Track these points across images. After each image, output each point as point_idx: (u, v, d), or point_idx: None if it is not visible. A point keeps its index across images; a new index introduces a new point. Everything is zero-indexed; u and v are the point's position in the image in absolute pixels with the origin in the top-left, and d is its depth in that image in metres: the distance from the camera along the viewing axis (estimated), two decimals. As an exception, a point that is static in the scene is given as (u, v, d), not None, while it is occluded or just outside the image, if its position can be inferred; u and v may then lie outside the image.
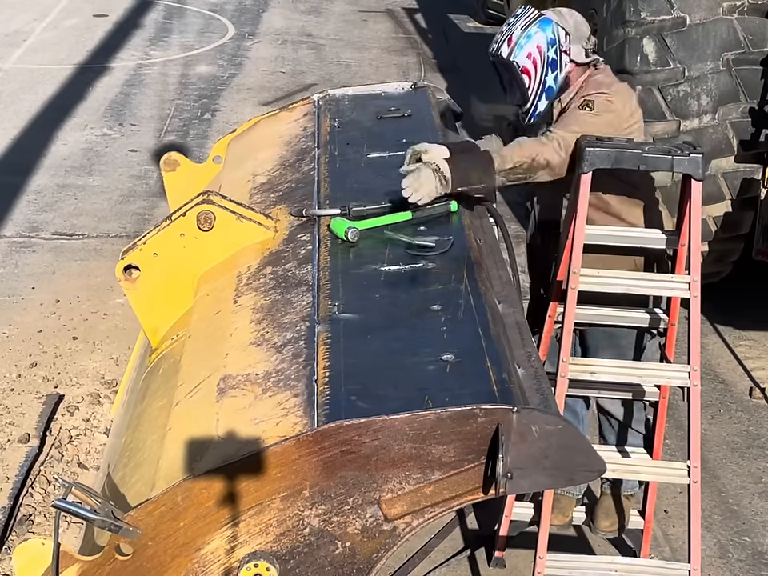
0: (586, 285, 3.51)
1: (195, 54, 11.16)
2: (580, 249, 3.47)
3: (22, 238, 6.95)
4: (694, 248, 3.50)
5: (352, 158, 4.10)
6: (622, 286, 3.57)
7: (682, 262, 3.59)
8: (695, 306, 3.52)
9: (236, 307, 3.30)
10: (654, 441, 3.88)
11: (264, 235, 3.63)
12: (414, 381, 2.70)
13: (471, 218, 3.61)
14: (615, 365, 3.65)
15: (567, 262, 3.55)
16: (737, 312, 6.13)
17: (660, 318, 3.77)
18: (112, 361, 5.53)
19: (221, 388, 2.90)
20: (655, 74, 5.50)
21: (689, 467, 3.60)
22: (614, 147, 3.44)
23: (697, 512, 3.61)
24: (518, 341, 2.98)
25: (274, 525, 2.59)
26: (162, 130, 8.93)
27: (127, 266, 3.66)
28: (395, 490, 2.58)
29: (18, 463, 4.69)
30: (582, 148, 3.43)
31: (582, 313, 3.58)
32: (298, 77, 10.46)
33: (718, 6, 5.50)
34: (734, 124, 5.58)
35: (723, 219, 5.72)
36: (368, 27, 12.32)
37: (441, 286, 3.13)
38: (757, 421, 5.28)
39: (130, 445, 3.39)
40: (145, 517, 2.57)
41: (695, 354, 3.52)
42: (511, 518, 4.07)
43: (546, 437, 2.56)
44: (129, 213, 7.36)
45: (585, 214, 3.45)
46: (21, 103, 9.38)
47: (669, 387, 3.82)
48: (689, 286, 3.53)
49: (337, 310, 3.05)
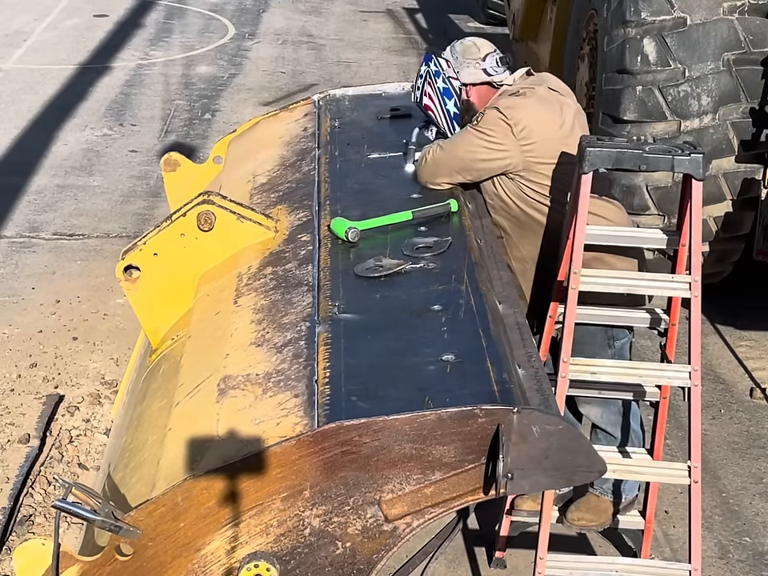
0: (586, 285, 3.50)
1: (195, 54, 11.16)
2: (581, 249, 3.47)
3: (22, 238, 6.95)
4: (694, 248, 3.50)
5: (352, 159, 4.10)
6: (622, 286, 3.57)
7: (682, 262, 3.59)
8: (696, 306, 3.51)
9: (236, 307, 3.30)
10: (655, 441, 3.88)
11: (264, 235, 3.63)
12: (414, 381, 2.70)
13: (471, 219, 3.61)
14: (616, 365, 3.64)
15: (568, 262, 3.55)
16: (737, 312, 6.13)
17: (660, 317, 3.77)
18: (112, 361, 5.53)
19: (221, 388, 2.90)
20: (656, 74, 5.50)
21: (689, 467, 3.59)
22: (614, 147, 3.43)
23: (697, 512, 3.60)
24: (519, 341, 2.98)
25: (274, 525, 2.59)
26: (163, 131, 8.93)
27: (127, 266, 3.66)
28: (396, 490, 2.58)
29: (18, 463, 4.69)
30: (582, 148, 3.43)
31: (582, 313, 3.58)
32: (299, 77, 10.46)
33: (719, 6, 5.49)
34: (735, 124, 5.57)
35: (724, 219, 5.72)
36: (368, 27, 12.32)
37: (441, 286, 3.13)
38: (757, 421, 5.28)
39: (130, 445, 3.39)
40: (145, 517, 2.57)
41: (696, 354, 3.51)
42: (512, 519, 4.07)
43: (547, 437, 2.56)
44: (129, 213, 7.35)
45: (585, 213, 3.45)
46: (21, 103, 9.38)
47: (669, 387, 3.81)
48: (689, 286, 3.53)
49: (337, 310, 3.05)
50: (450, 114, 4.01)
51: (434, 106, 4.03)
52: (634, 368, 3.67)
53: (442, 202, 3.59)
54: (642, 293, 3.70)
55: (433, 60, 4.02)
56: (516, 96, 3.85)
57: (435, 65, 4.01)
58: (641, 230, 3.76)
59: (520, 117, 3.75)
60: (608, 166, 3.47)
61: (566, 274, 3.58)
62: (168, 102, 9.65)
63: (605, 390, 3.81)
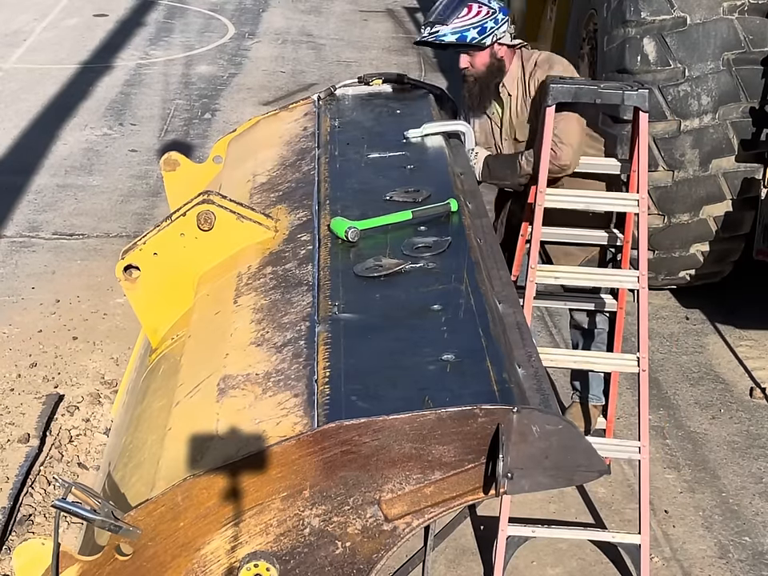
0: (550, 202, 4.14)
1: (195, 53, 11.16)
2: (545, 171, 4.09)
3: (22, 237, 6.95)
4: (642, 171, 4.13)
5: (352, 158, 4.09)
6: (581, 203, 4.24)
7: (634, 184, 4.20)
8: (643, 222, 4.11)
9: (236, 307, 3.30)
10: (614, 342, 4.55)
11: (264, 235, 3.63)
12: (414, 381, 2.70)
13: (471, 218, 3.61)
14: (576, 271, 4.30)
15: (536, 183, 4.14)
16: (737, 312, 6.13)
17: (617, 236, 4.42)
18: (112, 361, 5.53)
19: (221, 388, 2.90)
20: (655, 74, 5.50)
21: (638, 358, 4.09)
22: (573, 84, 4.12)
23: (645, 396, 4.08)
24: (519, 341, 2.98)
25: (274, 525, 2.59)
26: (162, 130, 8.93)
27: (127, 265, 3.66)
28: (395, 490, 2.58)
29: (18, 463, 4.69)
30: (547, 85, 4.10)
31: (548, 232, 4.25)
32: (298, 76, 10.47)
33: (719, 6, 5.49)
34: (735, 124, 5.58)
35: (724, 219, 5.73)
36: (368, 27, 12.33)
37: (441, 285, 3.13)
38: (757, 421, 5.28)
39: (129, 445, 3.39)
40: (145, 517, 2.57)
41: (643, 260, 4.09)
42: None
43: (547, 437, 2.56)
44: (129, 213, 7.36)
45: (549, 142, 4.08)
46: (21, 103, 9.38)
47: (625, 298, 4.44)
48: (637, 203, 4.14)
49: (337, 309, 3.04)
50: (482, 23, 4.33)
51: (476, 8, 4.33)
52: (591, 273, 4.32)
53: (441, 202, 3.59)
54: (597, 210, 4.34)
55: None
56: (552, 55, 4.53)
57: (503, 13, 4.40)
58: (598, 158, 4.43)
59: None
60: (568, 99, 4.11)
61: (534, 195, 4.17)
62: (168, 101, 9.65)
63: (569, 301, 4.60)
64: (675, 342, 5.94)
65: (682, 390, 5.52)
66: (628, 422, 5.11)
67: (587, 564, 4.31)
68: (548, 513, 4.54)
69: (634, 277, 4.14)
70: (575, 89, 4.07)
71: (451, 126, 4.34)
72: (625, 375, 4.98)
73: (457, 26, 4.30)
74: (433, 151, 4.18)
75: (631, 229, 4.35)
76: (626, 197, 4.25)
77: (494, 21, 4.31)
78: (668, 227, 5.76)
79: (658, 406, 5.33)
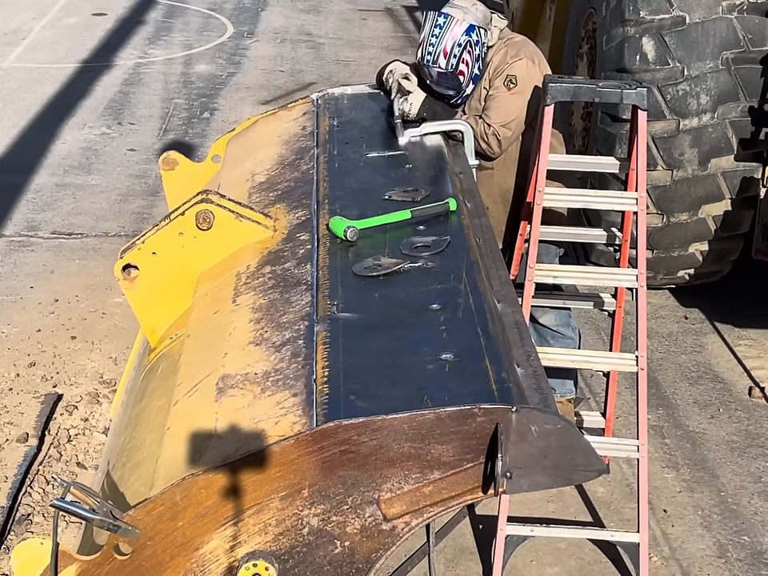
0: (549, 202, 4.12)
1: (194, 52, 11.16)
2: (544, 171, 4.04)
3: (21, 237, 6.95)
4: (640, 169, 4.07)
5: (351, 158, 4.09)
6: (579, 202, 4.28)
7: (632, 183, 4.15)
8: (642, 221, 4.12)
9: (235, 306, 3.30)
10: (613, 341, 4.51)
11: (263, 234, 3.63)
12: (413, 380, 2.69)
13: (470, 218, 3.61)
14: (574, 270, 4.33)
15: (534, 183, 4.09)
16: (736, 311, 6.13)
17: (615, 234, 4.37)
18: (111, 360, 5.53)
19: (220, 387, 2.90)
20: (654, 73, 5.50)
21: (636, 357, 4.09)
22: (572, 83, 4.08)
23: (644, 395, 4.08)
24: (517, 340, 2.98)
25: (272, 524, 2.59)
26: (161, 129, 8.92)
27: (126, 265, 3.66)
28: (394, 489, 2.58)
29: (17, 463, 4.69)
30: (545, 84, 4.03)
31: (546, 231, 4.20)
32: (297, 76, 10.46)
33: (718, 5, 5.49)
34: (734, 123, 5.57)
35: (723, 218, 5.72)
36: (367, 26, 12.32)
37: (440, 285, 3.13)
38: (756, 420, 5.28)
39: (128, 444, 3.38)
40: (143, 516, 2.57)
41: (642, 259, 4.07)
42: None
43: (546, 436, 2.56)
44: (127, 212, 7.35)
45: (548, 141, 4.04)
46: (20, 102, 9.38)
47: (624, 297, 4.38)
48: (636, 201, 4.10)
49: (336, 309, 3.04)
50: (473, 77, 4.39)
51: (467, 71, 4.35)
52: (590, 272, 4.34)
53: (440, 201, 3.59)
54: (596, 208, 4.40)
55: (476, 31, 4.33)
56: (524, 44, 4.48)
57: (477, 35, 4.33)
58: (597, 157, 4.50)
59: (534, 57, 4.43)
60: (567, 99, 4.10)
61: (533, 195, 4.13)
62: (167, 100, 9.65)
63: (568, 300, 4.55)
64: (674, 341, 5.94)
65: (680, 389, 5.52)
66: (627, 421, 5.11)
67: (586, 563, 4.31)
68: (547, 512, 4.53)
69: (632, 276, 4.12)
70: (574, 87, 4.05)
71: (450, 125, 4.34)
72: (624, 374, 4.97)
73: (461, 95, 4.45)
74: (431, 150, 4.18)
75: (630, 228, 4.34)
76: (624, 195, 4.22)
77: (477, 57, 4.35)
78: (667, 226, 5.76)
79: (657, 405, 5.33)
